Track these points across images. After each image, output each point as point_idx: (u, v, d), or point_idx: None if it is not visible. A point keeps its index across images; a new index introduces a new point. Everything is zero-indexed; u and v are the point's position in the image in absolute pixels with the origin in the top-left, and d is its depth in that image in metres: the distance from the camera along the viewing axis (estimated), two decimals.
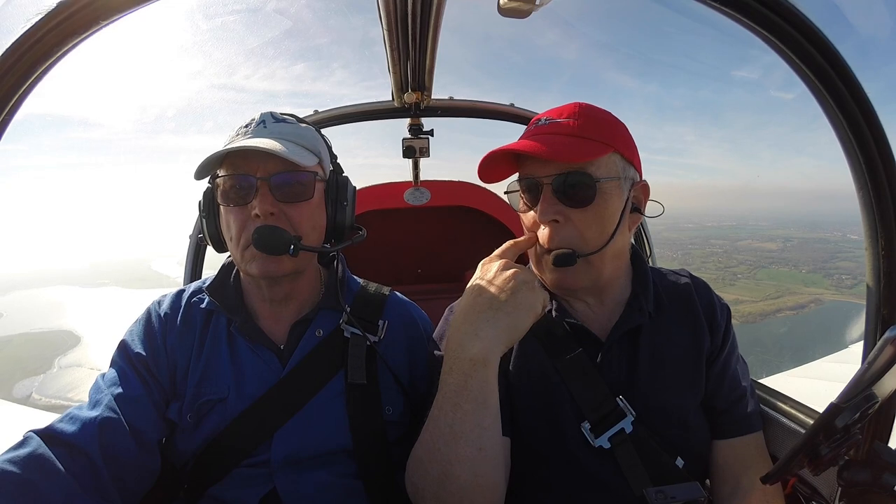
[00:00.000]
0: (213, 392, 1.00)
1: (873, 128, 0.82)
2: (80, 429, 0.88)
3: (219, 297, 1.07)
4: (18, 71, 0.65)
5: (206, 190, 1.04)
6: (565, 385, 0.98)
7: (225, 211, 0.99)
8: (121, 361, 1.02)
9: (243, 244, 0.96)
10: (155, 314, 1.08)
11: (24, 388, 61.71)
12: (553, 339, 1.01)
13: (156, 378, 1.01)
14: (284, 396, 1.00)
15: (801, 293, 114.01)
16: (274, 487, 0.97)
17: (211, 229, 1.04)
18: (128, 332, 1.07)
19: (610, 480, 0.95)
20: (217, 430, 0.98)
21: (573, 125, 0.95)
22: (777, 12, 0.76)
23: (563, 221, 0.93)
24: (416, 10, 1.04)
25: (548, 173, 0.93)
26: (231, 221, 0.97)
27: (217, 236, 1.04)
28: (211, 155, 0.93)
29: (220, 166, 0.98)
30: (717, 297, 1.12)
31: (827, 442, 0.74)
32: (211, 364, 1.03)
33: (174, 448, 1.02)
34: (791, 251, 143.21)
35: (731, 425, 1.04)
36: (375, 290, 1.20)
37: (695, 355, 1.04)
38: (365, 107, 1.82)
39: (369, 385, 1.05)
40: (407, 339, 1.15)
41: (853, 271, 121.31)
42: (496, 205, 2.71)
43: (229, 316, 1.06)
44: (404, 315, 1.18)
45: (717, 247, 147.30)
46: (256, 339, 1.04)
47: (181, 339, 1.04)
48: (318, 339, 1.06)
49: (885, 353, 0.65)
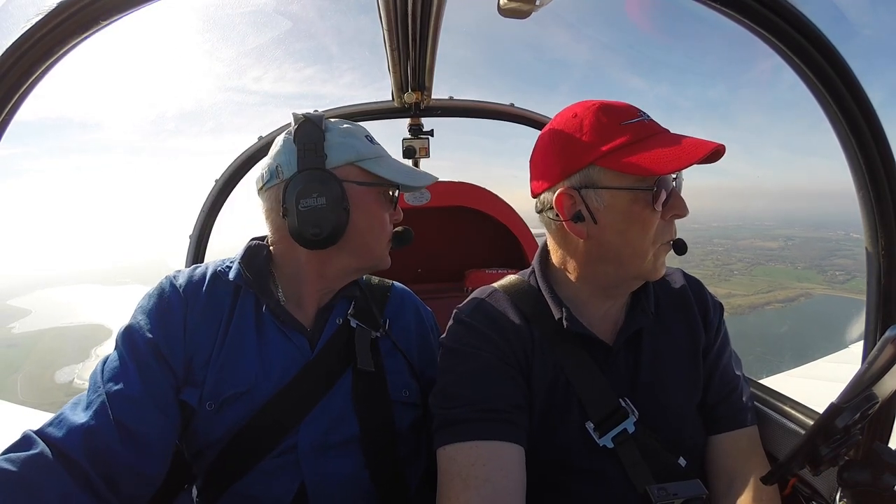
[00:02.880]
0: (237, 383, 0.96)
1: (873, 128, 0.82)
2: (67, 434, 0.84)
3: (253, 274, 1.04)
4: (18, 71, 0.65)
5: (321, 178, 0.97)
6: (570, 385, 0.99)
7: (380, 212, 1.06)
8: (125, 350, 0.93)
9: (385, 240, 1.10)
10: (172, 289, 0.99)
11: (66, 375, 66.30)
12: (560, 340, 1.02)
13: (168, 365, 0.94)
14: (313, 380, 1.00)
15: (792, 288, 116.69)
16: (303, 481, 0.95)
17: (342, 218, 0.98)
18: (137, 311, 0.97)
19: (613, 479, 0.96)
20: (242, 419, 0.95)
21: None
22: (777, 12, 0.76)
23: None
24: (416, 10, 1.04)
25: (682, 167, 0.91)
26: (379, 223, 1.07)
27: (339, 226, 0.98)
28: (411, 183, 1.08)
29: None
30: (710, 295, 1.13)
31: (827, 442, 0.74)
32: (236, 351, 0.98)
33: (193, 436, 0.97)
34: (791, 249, 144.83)
35: (722, 420, 1.05)
36: (379, 282, 1.24)
37: (693, 354, 1.06)
38: (365, 107, 1.82)
39: (377, 372, 1.06)
40: (416, 327, 1.18)
41: (848, 268, 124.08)
42: (496, 205, 2.71)
43: (260, 295, 1.02)
44: (410, 304, 1.22)
45: (719, 246, 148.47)
46: (289, 323, 1.02)
47: (205, 316, 0.98)
48: (337, 326, 1.08)
49: (885, 353, 0.65)
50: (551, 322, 1.01)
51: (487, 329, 1.00)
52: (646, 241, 0.92)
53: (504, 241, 2.79)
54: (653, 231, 0.91)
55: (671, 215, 0.92)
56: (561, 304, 1.01)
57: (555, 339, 1.01)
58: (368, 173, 1.03)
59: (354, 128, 1.07)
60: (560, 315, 1.00)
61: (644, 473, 0.94)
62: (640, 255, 0.93)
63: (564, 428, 0.98)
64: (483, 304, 1.06)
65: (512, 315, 1.03)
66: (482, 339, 0.99)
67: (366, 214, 1.03)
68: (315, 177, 0.97)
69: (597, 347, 1.02)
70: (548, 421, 0.98)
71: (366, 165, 1.03)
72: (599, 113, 0.94)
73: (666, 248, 0.95)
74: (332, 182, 0.97)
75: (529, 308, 1.04)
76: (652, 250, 0.93)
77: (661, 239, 0.93)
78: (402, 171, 1.08)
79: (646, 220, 0.90)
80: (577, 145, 0.93)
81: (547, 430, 0.98)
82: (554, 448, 0.98)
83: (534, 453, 0.96)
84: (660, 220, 0.91)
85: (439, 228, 2.80)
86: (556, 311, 1.01)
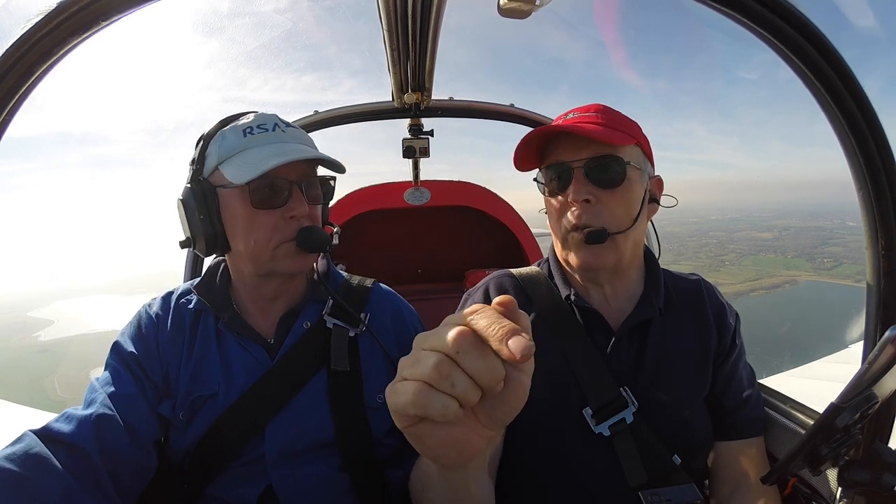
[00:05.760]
0: (203, 388, 1.01)
1: (873, 128, 0.82)
2: (77, 426, 0.89)
3: (206, 296, 1.08)
4: (18, 71, 0.65)
5: (193, 190, 0.98)
6: (571, 369, 1.00)
7: (249, 213, 0.97)
8: (114, 362, 1.03)
9: (275, 243, 0.99)
10: (146, 316, 1.09)
11: (100, 373, 68.89)
12: (565, 324, 1.04)
13: (149, 377, 1.02)
14: (273, 388, 1.01)
15: (779, 275, 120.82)
16: (270, 484, 0.97)
17: (208, 228, 0.99)
18: (121, 334, 1.08)
19: (605, 468, 0.97)
20: (209, 425, 0.99)
21: (599, 119, 1.01)
22: (777, 12, 0.76)
23: (594, 202, 0.98)
24: (416, 11, 1.04)
25: (579, 157, 0.99)
26: (258, 223, 0.98)
27: (214, 236, 1.00)
28: (270, 161, 0.93)
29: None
30: (727, 301, 1.15)
31: (827, 442, 0.74)
32: (201, 362, 1.04)
33: (170, 447, 1.03)
34: (784, 239, 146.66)
35: (735, 427, 1.05)
36: (359, 283, 1.21)
37: (701, 355, 1.06)
38: (365, 107, 1.82)
39: (352, 373, 1.05)
40: (394, 328, 1.16)
41: (837, 255, 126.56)
42: (496, 205, 2.71)
43: (216, 314, 1.07)
44: (389, 305, 1.19)
45: (714, 238, 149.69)
46: (244, 334, 1.06)
47: (172, 338, 1.06)
48: (304, 331, 1.07)
49: (886, 353, 0.65)
50: (558, 307, 1.06)
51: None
52: (554, 227, 1.07)
53: (504, 241, 2.79)
54: (553, 217, 1.06)
55: (570, 200, 1.00)
56: (569, 285, 1.08)
57: (559, 323, 1.04)
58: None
59: (242, 123, 1.01)
60: (567, 293, 1.06)
61: (637, 467, 0.95)
62: (555, 239, 1.09)
63: (562, 412, 0.99)
64: (489, 282, 1.16)
65: (515, 295, 1.08)
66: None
67: (231, 218, 1.00)
68: (190, 188, 1.00)
69: (600, 333, 1.04)
70: (545, 405, 0.98)
71: (224, 166, 0.98)
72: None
73: (574, 234, 1.00)
74: (204, 190, 0.99)
75: (536, 293, 1.09)
76: (560, 235, 1.05)
77: (565, 224, 1.02)
78: (253, 162, 0.95)
79: (548, 207, 1.08)
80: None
81: (543, 414, 0.98)
82: (549, 433, 0.99)
83: (530, 438, 0.96)
84: (565, 205, 1.02)
85: (439, 228, 2.80)
86: (564, 289, 1.08)
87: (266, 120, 1.02)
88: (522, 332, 0.43)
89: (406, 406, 0.45)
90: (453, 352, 0.44)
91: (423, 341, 0.48)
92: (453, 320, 0.47)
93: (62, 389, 71.17)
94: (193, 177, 1.01)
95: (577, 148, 0.99)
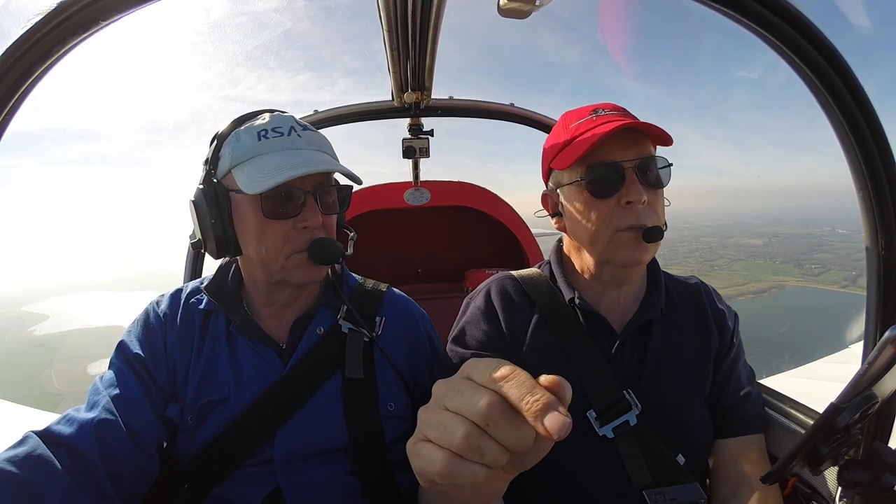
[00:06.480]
0: (214, 392, 0.99)
1: (873, 128, 0.82)
2: (78, 430, 0.88)
3: (217, 297, 1.07)
4: (18, 71, 0.65)
5: (206, 192, 0.97)
6: (575, 372, 1.00)
7: (260, 221, 0.96)
8: (119, 363, 1.00)
9: (287, 253, 0.97)
10: (154, 314, 1.06)
11: (98, 367, 75.03)
12: (568, 326, 1.04)
13: (154, 379, 1.00)
14: (286, 394, 1.00)
15: (766, 280, 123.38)
16: (277, 486, 0.97)
17: (219, 232, 0.98)
18: (126, 333, 1.05)
19: (610, 471, 0.96)
20: (219, 430, 0.98)
21: (630, 116, 1.01)
22: (777, 12, 0.76)
23: (648, 202, 0.97)
24: (416, 10, 1.04)
25: (628, 157, 0.96)
26: (269, 232, 0.96)
27: (226, 240, 0.98)
28: (282, 174, 0.90)
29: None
30: (726, 303, 1.15)
31: (827, 442, 0.74)
32: (211, 364, 1.02)
33: (176, 450, 1.01)
34: (774, 246, 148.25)
35: (734, 424, 1.05)
36: (373, 287, 1.20)
37: (702, 355, 1.07)
38: (365, 107, 1.82)
39: (366, 380, 1.04)
40: (406, 334, 1.14)
41: (826, 262, 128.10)
42: (496, 205, 2.71)
43: (228, 315, 1.05)
44: (403, 310, 1.18)
45: (705, 244, 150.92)
46: (256, 337, 1.04)
47: (180, 339, 1.03)
48: (318, 336, 1.06)
49: (886, 353, 0.65)
50: (561, 309, 1.06)
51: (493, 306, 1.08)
52: (596, 228, 0.98)
53: (504, 241, 2.80)
54: (600, 218, 0.98)
55: (625, 201, 0.96)
56: (573, 288, 1.07)
57: (563, 326, 1.04)
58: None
59: (258, 125, 0.98)
60: (571, 296, 1.06)
61: (641, 469, 0.95)
62: (592, 241, 1.01)
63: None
64: (491, 284, 1.14)
65: (517, 298, 1.09)
66: (485, 316, 1.07)
67: (243, 224, 0.98)
68: (203, 190, 0.98)
69: (604, 336, 1.04)
70: None
71: (236, 171, 0.96)
72: (561, 119, 1.08)
73: (628, 234, 0.96)
74: (217, 193, 0.97)
75: (538, 295, 1.09)
76: (605, 236, 0.98)
77: (617, 224, 0.96)
78: (265, 172, 0.92)
79: (587, 208, 0.99)
80: (546, 152, 1.09)
81: None
82: None
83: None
84: (614, 206, 0.96)
85: (439, 228, 2.79)
86: (568, 292, 1.07)
87: (282, 123, 0.99)
88: (560, 407, 0.40)
89: (434, 476, 0.44)
90: (483, 423, 0.42)
91: (445, 397, 0.46)
92: (480, 377, 0.45)
93: (59, 383, 72.22)
94: (206, 178, 0.98)
95: (624, 147, 0.96)
